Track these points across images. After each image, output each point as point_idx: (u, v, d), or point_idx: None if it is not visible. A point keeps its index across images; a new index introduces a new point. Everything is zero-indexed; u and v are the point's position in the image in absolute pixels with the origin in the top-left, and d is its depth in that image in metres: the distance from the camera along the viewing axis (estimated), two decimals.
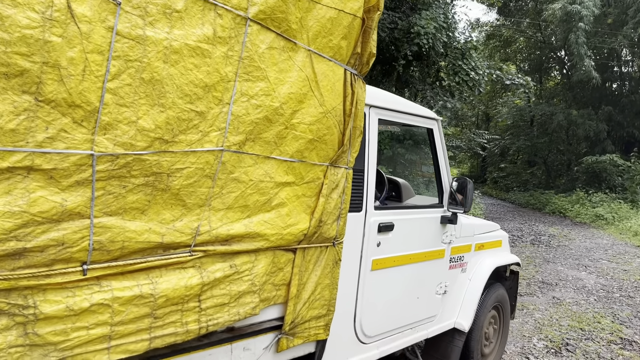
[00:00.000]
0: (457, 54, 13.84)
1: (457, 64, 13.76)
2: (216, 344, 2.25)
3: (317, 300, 2.66)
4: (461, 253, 4.08)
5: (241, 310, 2.22)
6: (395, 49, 12.78)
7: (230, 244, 2.16)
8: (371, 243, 3.16)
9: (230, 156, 2.10)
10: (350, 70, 2.61)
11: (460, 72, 13.64)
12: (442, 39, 12.45)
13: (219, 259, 2.14)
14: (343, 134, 2.61)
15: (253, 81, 2.14)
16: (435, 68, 14.61)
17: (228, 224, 2.14)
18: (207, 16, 1.94)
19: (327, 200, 2.58)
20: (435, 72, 14.73)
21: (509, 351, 5.69)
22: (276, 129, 2.26)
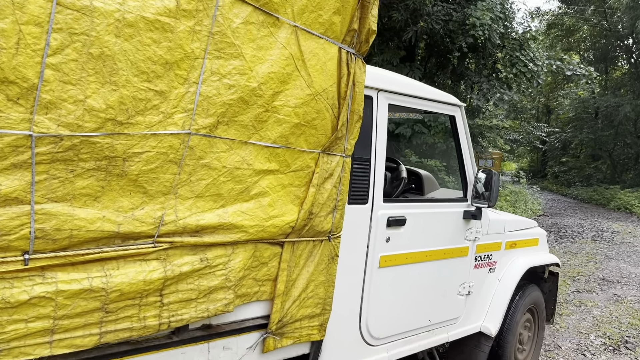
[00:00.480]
0: (515, 44, 13.26)
1: (515, 55, 13.18)
2: (189, 342, 2.10)
3: (310, 299, 2.47)
4: (489, 251, 3.78)
5: (211, 306, 2.05)
6: (450, 41, 12.35)
7: (202, 235, 2.00)
8: (379, 238, 2.94)
9: (199, 140, 1.94)
10: (345, 48, 2.40)
11: (517, 63, 13.04)
12: (498, 29, 11.91)
13: (189, 252, 1.99)
14: (337, 119, 2.40)
15: (226, 59, 1.97)
16: (491, 60, 14.05)
17: (198, 214, 1.98)
18: None
19: (319, 190, 2.38)
20: (491, 64, 14.17)
21: (564, 347, 5.38)
22: (254, 111, 2.08)
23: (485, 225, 3.69)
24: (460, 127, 3.45)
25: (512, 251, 4.05)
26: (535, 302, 4.33)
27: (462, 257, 3.54)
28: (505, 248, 3.97)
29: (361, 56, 2.48)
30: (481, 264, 3.73)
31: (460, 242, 3.50)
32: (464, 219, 3.47)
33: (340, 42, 2.37)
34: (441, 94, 3.34)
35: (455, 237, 3.46)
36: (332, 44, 2.34)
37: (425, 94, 3.20)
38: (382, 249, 2.97)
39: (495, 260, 3.89)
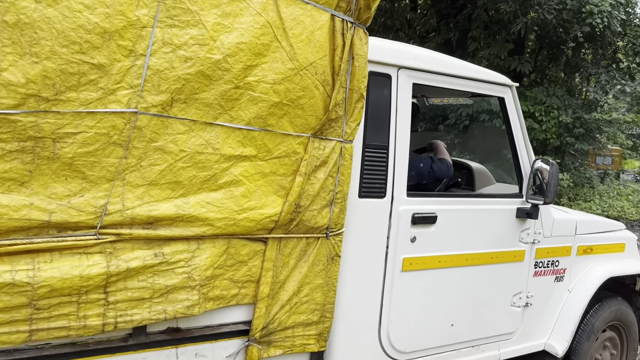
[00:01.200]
0: (639, 32, 11.98)
1: (639, 43, 11.92)
2: (151, 347, 1.89)
3: (305, 304, 2.18)
4: (554, 256, 3.24)
5: (170, 308, 1.82)
6: (563, 32, 11.38)
7: (156, 228, 1.78)
8: (401, 237, 2.56)
9: (149, 120, 1.71)
10: (340, 16, 2.07)
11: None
12: (619, 16, 10.77)
13: (142, 246, 1.77)
14: (330, 98, 2.08)
15: (181, 27, 1.73)
16: (611, 49, 12.80)
17: (151, 204, 1.76)
18: None
19: (309, 180, 2.07)
20: (611, 53, 12.92)
21: None
22: (220, 88, 1.82)
23: (548, 226, 3.16)
24: (512, 111, 2.96)
25: (588, 257, 3.46)
26: (620, 319, 3.68)
27: (517, 263, 3.05)
28: (578, 253, 3.39)
29: (363, 25, 2.14)
30: (543, 271, 3.20)
31: (513, 244, 3.01)
32: (517, 218, 2.98)
33: (333, 9, 2.05)
34: (485, 72, 2.88)
35: (506, 239, 2.98)
36: (323, 11, 2.02)
37: (464, 72, 2.76)
38: (406, 250, 2.58)
39: (564, 268, 3.33)
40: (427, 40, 10.55)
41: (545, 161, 2.88)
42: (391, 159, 2.50)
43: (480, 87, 2.85)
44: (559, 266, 3.27)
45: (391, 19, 11.10)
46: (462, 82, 2.76)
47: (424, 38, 11.34)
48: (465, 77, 2.76)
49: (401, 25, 11.31)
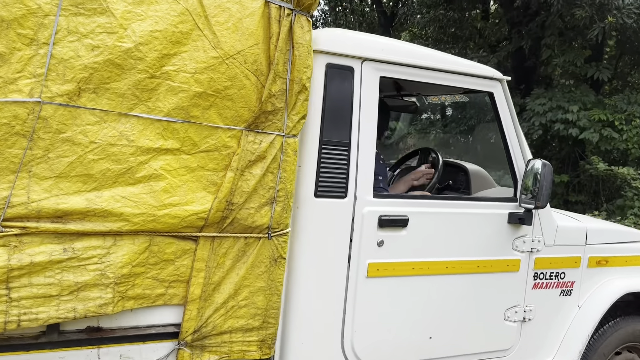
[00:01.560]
0: None
1: None
2: (69, 346, 1.83)
3: (244, 308, 2.05)
4: (558, 268, 2.93)
5: (80, 306, 1.75)
6: None
7: (66, 222, 1.72)
8: (366, 241, 2.39)
9: (55, 110, 1.67)
10: (275, 2, 1.95)
11: None
12: None
13: (53, 240, 1.72)
14: (266, 88, 1.96)
15: (87, 15, 1.68)
16: None
17: (60, 197, 1.71)
18: None
19: (242, 175, 1.96)
20: None
21: None
22: (133, 77, 1.75)
23: (550, 233, 2.86)
24: (503, 107, 2.72)
25: (602, 270, 3.11)
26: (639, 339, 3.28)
27: (510, 273, 2.78)
28: (589, 265, 3.05)
29: (305, 12, 2.02)
30: (545, 283, 2.91)
31: (505, 252, 2.75)
32: (509, 224, 2.72)
33: None
34: (470, 65, 2.66)
35: (497, 246, 2.72)
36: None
37: (445, 65, 2.56)
38: (372, 255, 2.40)
39: (571, 281, 3.00)
40: (498, 49, 10.12)
41: (538, 161, 2.62)
42: (353, 157, 2.34)
43: (465, 82, 2.63)
44: (565, 278, 2.96)
45: (460, 28, 10.75)
46: (443, 75, 2.56)
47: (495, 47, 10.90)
48: (446, 71, 2.56)
49: (471, 35, 10.93)
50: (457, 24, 10.63)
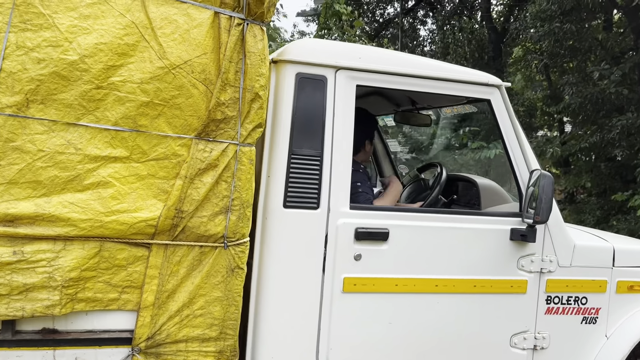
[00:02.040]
0: None
1: None
2: (25, 345, 1.92)
3: (199, 317, 2.05)
4: (577, 292, 2.65)
5: (28, 306, 1.83)
6: None
7: (16, 226, 1.82)
8: (341, 254, 2.30)
9: (4, 121, 1.78)
10: (225, 12, 1.97)
11: None
12: None
13: (5, 243, 1.82)
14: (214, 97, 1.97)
15: (34, 31, 1.79)
16: None
17: (10, 202, 1.81)
18: None
19: (192, 183, 1.97)
20: None
21: None
22: (80, 88, 1.84)
23: (565, 253, 2.61)
24: (502, 114, 2.53)
25: (636, 297, 2.78)
26: None
27: (516, 295, 2.55)
28: (619, 291, 2.73)
29: (259, 22, 2.01)
30: (562, 308, 2.64)
31: (508, 272, 2.53)
32: (512, 241, 2.51)
33: (217, 6, 1.96)
34: (463, 71, 2.52)
35: (498, 265, 2.51)
36: (203, 9, 1.95)
37: (434, 72, 2.44)
38: (348, 269, 2.31)
39: (596, 307, 2.70)
40: (623, 61, 9.46)
41: (536, 173, 2.40)
42: (326, 168, 2.28)
43: (458, 89, 2.49)
44: (587, 304, 2.67)
45: (579, 40, 10.21)
46: (431, 83, 2.45)
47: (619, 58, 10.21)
48: (435, 78, 2.45)
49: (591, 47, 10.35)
50: (575, 35, 10.03)
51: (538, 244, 2.56)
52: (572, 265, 2.63)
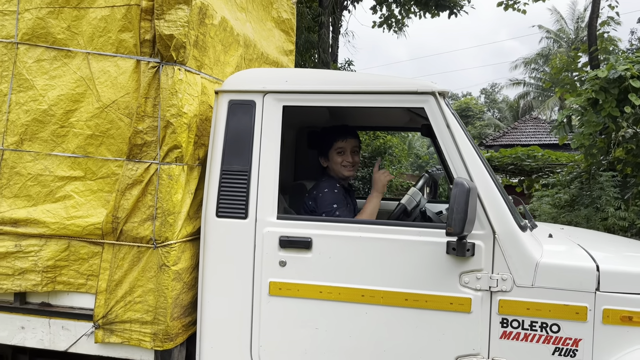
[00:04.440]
0: None
1: None
2: (32, 313, 2.69)
3: (139, 304, 2.55)
4: (546, 317, 2.30)
5: (23, 284, 2.60)
6: None
7: (17, 226, 2.62)
8: (267, 260, 2.54)
9: (10, 154, 2.62)
10: (144, 59, 2.49)
11: None
12: None
13: (12, 239, 2.62)
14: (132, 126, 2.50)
15: (24, 91, 2.60)
16: None
17: (14, 210, 2.62)
18: None
19: (124, 195, 2.51)
20: None
21: None
22: (50, 128, 2.57)
23: (523, 270, 2.31)
24: (437, 122, 2.41)
25: (630, 330, 2.24)
26: None
27: (458, 313, 2.36)
28: (607, 321, 2.25)
29: (172, 63, 2.47)
30: (522, 334, 2.32)
31: (446, 288, 2.37)
32: (449, 255, 2.36)
33: (138, 55, 2.50)
34: (392, 82, 2.49)
35: (433, 279, 2.38)
36: (128, 59, 2.51)
37: (357, 86, 2.51)
38: (274, 274, 2.53)
39: (574, 337, 2.28)
40: None
41: (456, 180, 2.25)
42: (254, 182, 2.57)
43: (390, 100, 2.51)
44: (560, 333, 2.30)
45: None
46: (360, 97, 2.54)
47: None
48: (362, 92, 2.53)
49: None
50: None
51: (486, 259, 2.35)
52: (534, 285, 2.31)
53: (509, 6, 13.01)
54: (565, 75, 8.43)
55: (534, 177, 10.86)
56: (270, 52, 3.66)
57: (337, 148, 3.02)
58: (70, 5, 2.55)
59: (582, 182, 7.52)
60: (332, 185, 2.93)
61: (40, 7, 2.56)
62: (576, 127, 7.44)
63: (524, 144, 17.37)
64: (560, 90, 8.02)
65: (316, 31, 13.80)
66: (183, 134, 2.50)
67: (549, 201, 7.74)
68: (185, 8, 2.43)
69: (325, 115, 3.68)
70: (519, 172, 11.63)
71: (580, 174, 7.68)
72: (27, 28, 2.57)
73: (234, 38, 3.00)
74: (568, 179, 7.92)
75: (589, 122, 6.55)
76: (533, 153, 11.80)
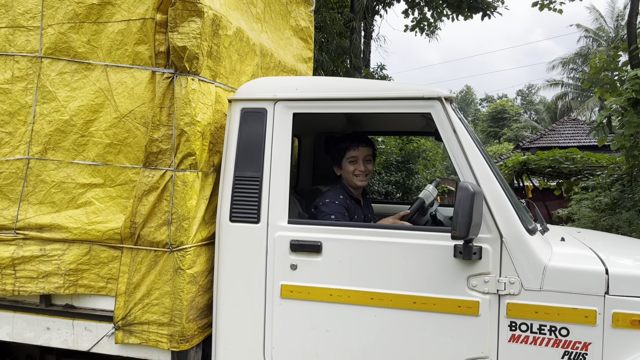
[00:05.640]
0: None
1: None
2: (57, 314, 2.81)
3: (156, 306, 2.64)
4: (554, 321, 2.29)
5: (47, 286, 2.72)
6: None
7: (42, 231, 2.75)
8: (279, 263, 2.60)
9: (35, 163, 2.75)
10: (160, 70, 2.59)
11: None
12: None
13: (37, 243, 2.76)
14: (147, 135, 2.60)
15: (48, 103, 2.73)
16: None
17: (39, 216, 2.75)
18: (7, 64, 2.78)
19: (140, 202, 2.61)
20: None
21: None
22: (71, 137, 2.70)
23: (531, 273, 2.31)
24: (444, 127, 2.44)
25: (636, 334, 2.22)
26: None
27: (466, 316, 2.38)
28: (616, 325, 2.24)
29: (185, 73, 2.56)
30: (531, 337, 2.32)
31: (454, 291, 2.39)
32: (457, 258, 2.39)
33: (153, 66, 2.60)
34: (399, 88, 2.53)
35: (441, 283, 2.41)
36: (144, 70, 2.62)
37: (365, 93, 2.56)
38: (285, 277, 2.59)
39: (584, 341, 2.27)
40: None
41: (461, 184, 2.27)
42: (265, 188, 2.64)
43: (397, 106, 2.54)
44: (569, 337, 2.30)
45: None
46: (369, 104, 2.58)
47: None
48: (370, 98, 2.57)
49: None
50: None
51: (493, 262, 2.37)
52: (542, 289, 2.32)
53: (544, 6, 12.79)
54: (605, 74, 8.27)
55: (573, 180, 10.64)
56: (288, 61, 3.73)
57: (349, 157, 3.04)
58: (90, 20, 2.67)
59: (623, 185, 7.34)
60: (335, 197, 2.96)
61: (62, 22, 2.69)
62: (616, 128, 7.30)
63: (562, 146, 17.05)
64: (599, 90, 7.86)
65: (348, 36, 13.86)
66: (197, 141, 2.58)
67: (589, 204, 7.58)
68: (197, 20, 2.52)
69: (342, 120, 3.74)
70: (557, 175, 11.40)
71: (622, 176, 7.51)
72: (50, 43, 2.70)
73: (250, 48, 3.08)
74: (609, 181, 7.74)
75: (630, 123, 6.39)
76: (572, 155, 11.57)
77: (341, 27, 13.40)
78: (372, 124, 3.85)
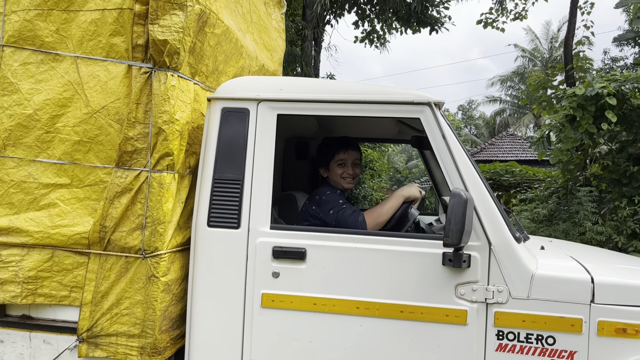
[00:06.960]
0: None
1: None
2: (12, 326, 2.57)
3: (125, 316, 2.46)
4: (541, 329, 2.29)
5: (2, 295, 2.48)
6: None
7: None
8: (260, 271, 2.48)
9: None
10: (136, 64, 2.43)
11: None
12: None
13: None
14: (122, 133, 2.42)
15: (8, 95, 2.51)
16: None
17: None
18: None
19: (112, 204, 2.43)
20: None
21: None
22: (35, 133, 2.48)
23: (519, 282, 2.30)
24: (433, 132, 2.41)
25: (630, 342, 2.25)
26: None
27: (454, 325, 2.34)
28: (601, 333, 2.26)
29: (165, 68, 2.41)
30: (519, 346, 2.30)
31: (442, 300, 2.35)
32: (446, 266, 2.34)
33: (130, 60, 2.44)
34: (387, 92, 2.48)
35: (428, 291, 2.36)
36: (119, 63, 2.45)
37: (352, 96, 2.49)
38: (267, 285, 2.47)
39: (569, 350, 2.28)
40: None
41: (453, 190, 2.23)
42: (247, 191, 2.52)
43: (386, 110, 2.49)
44: (555, 345, 2.29)
45: None
46: (355, 107, 2.51)
47: None
48: (357, 102, 2.50)
49: None
50: None
51: (482, 270, 2.34)
52: (530, 297, 2.30)
53: (488, 24, 13.28)
54: (542, 92, 8.64)
55: (512, 192, 11.05)
56: (270, 65, 3.64)
57: (338, 160, 2.98)
58: (60, 8, 2.48)
59: (559, 197, 7.65)
60: (334, 189, 2.92)
61: (28, 9, 2.48)
62: (554, 143, 7.62)
63: (501, 159, 17.69)
64: (537, 107, 8.19)
65: (299, 44, 13.84)
66: (175, 141, 2.44)
67: (528, 216, 7.84)
68: (180, 14, 2.38)
69: (314, 126, 3.66)
70: (497, 187, 11.84)
71: (558, 189, 7.83)
72: (14, 30, 2.49)
73: (237, 49, 2.97)
74: (546, 194, 8.06)
75: (567, 138, 6.67)
76: (511, 168, 12.02)
77: (293, 35, 13.36)
78: (345, 129, 3.79)
